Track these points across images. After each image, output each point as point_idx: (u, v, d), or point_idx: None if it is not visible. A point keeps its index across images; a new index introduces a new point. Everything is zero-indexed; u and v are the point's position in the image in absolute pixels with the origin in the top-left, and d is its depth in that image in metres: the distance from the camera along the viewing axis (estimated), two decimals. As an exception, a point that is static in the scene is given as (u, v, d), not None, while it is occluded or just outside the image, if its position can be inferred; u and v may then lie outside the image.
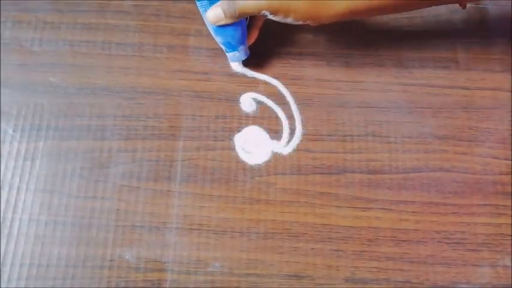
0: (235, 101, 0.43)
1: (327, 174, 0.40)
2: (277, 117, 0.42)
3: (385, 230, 0.39)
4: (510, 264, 0.38)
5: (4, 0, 0.45)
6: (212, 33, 0.40)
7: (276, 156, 0.41)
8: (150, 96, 0.42)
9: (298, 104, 0.43)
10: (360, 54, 0.45)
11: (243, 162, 0.41)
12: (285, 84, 0.43)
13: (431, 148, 0.42)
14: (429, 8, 0.44)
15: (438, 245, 0.38)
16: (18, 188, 0.39)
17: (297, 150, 0.41)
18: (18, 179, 0.39)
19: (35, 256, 0.37)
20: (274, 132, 0.42)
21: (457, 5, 0.39)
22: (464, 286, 0.37)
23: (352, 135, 0.42)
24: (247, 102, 0.43)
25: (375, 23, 0.46)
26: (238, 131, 0.42)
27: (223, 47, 0.41)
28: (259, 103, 0.43)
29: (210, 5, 0.38)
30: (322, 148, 0.41)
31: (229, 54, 0.41)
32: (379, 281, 0.37)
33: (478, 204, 0.40)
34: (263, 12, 0.36)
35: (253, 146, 0.41)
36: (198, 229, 0.38)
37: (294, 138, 0.42)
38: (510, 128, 0.42)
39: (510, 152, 0.41)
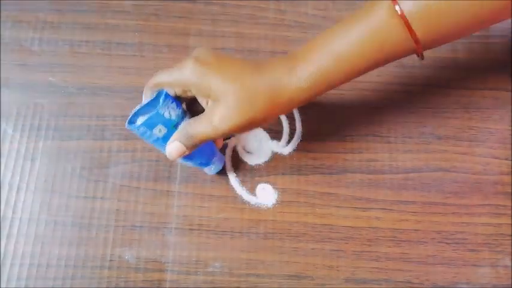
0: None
1: (327, 174, 0.40)
2: (277, 117, 0.42)
3: (385, 230, 0.39)
4: (510, 264, 0.38)
5: (4, 0, 0.45)
6: (180, 162, 0.38)
7: (276, 156, 0.41)
8: (150, 96, 0.42)
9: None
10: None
11: (243, 162, 0.41)
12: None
13: (431, 148, 0.42)
14: None
15: (438, 245, 0.38)
16: (18, 188, 0.39)
17: (297, 150, 0.41)
18: (18, 179, 0.39)
19: (35, 256, 0.37)
20: (274, 132, 0.42)
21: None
22: (465, 286, 0.37)
23: (352, 135, 0.42)
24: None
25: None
26: (238, 131, 0.42)
27: (198, 167, 0.39)
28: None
29: (164, 141, 0.33)
30: (322, 148, 0.41)
31: (205, 170, 0.39)
32: (379, 281, 0.37)
33: (478, 204, 0.40)
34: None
35: (253, 146, 0.41)
36: (198, 229, 0.38)
37: (294, 138, 0.42)
38: (510, 128, 0.42)
39: (510, 152, 0.41)
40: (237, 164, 0.41)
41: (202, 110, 0.33)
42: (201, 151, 0.35)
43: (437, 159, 0.41)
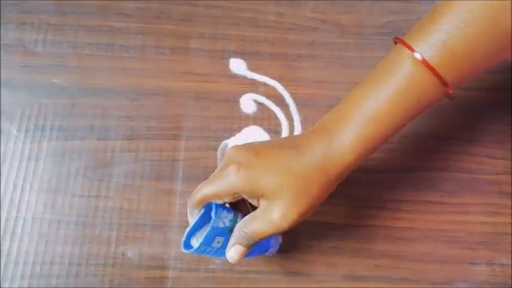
0: (236, 102, 0.43)
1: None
2: (276, 118, 0.43)
3: (382, 228, 0.39)
4: (506, 263, 0.38)
5: (7, 1, 0.46)
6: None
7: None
8: (152, 97, 0.43)
9: (297, 105, 0.43)
10: (359, 56, 0.45)
11: (244, 162, 0.41)
12: (285, 86, 0.44)
13: (428, 148, 0.42)
14: (425, 11, 0.45)
15: (434, 243, 0.39)
16: (23, 188, 0.39)
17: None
18: (22, 179, 0.40)
19: (39, 254, 0.38)
20: (274, 133, 0.42)
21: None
22: (461, 284, 0.38)
23: (350, 136, 0.42)
24: (248, 103, 0.43)
25: (371, 26, 0.47)
26: (239, 131, 0.42)
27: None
28: (259, 104, 0.43)
29: (223, 248, 0.32)
30: (321, 148, 0.42)
31: (266, 254, 0.37)
32: (377, 278, 0.38)
33: (475, 203, 0.40)
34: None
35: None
36: (200, 227, 0.39)
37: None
38: (507, 128, 0.43)
39: (506, 152, 0.42)
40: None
41: (246, 207, 0.32)
42: (259, 245, 0.33)
43: (434, 158, 0.41)
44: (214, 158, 0.41)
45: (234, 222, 0.32)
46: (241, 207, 0.33)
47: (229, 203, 0.32)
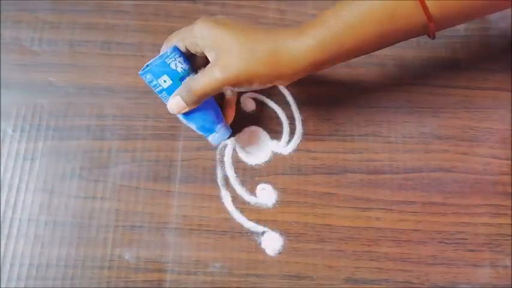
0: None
1: (327, 174, 0.40)
2: (277, 117, 0.42)
3: (385, 230, 0.39)
4: (510, 265, 0.38)
5: (4, 0, 0.45)
6: (183, 121, 0.37)
7: (276, 156, 0.41)
8: (149, 96, 0.42)
9: (298, 104, 0.43)
10: (360, 54, 0.45)
11: (243, 162, 0.41)
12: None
13: (431, 148, 0.41)
14: None
15: (438, 245, 0.38)
16: (18, 188, 0.39)
17: (297, 150, 0.41)
18: (17, 179, 0.39)
19: (35, 256, 0.37)
20: (274, 132, 0.42)
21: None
22: (465, 286, 0.37)
23: (352, 135, 0.42)
24: (247, 102, 0.43)
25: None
26: (238, 131, 0.41)
27: (199, 132, 0.38)
28: (259, 103, 0.43)
29: (168, 93, 0.35)
30: (322, 148, 0.41)
31: (208, 138, 0.38)
32: (380, 282, 0.37)
33: (479, 204, 0.40)
34: (224, 88, 0.34)
35: (253, 146, 0.41)
36: (198, 229, 0.38)
37: (294, 138, 0.42)
38: (511, 128, 0.42)
39: (511, 152, 0.41)
40: (237, 164, 0.41)
41: None
42: (204, 113, 0.35)
43: (437, 159, 0.41)
44: (213, 158, 0.41)
45: (188, 74, 0.35)
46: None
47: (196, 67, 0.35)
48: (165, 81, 0.35)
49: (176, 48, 0.35)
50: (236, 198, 0.39)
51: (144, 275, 0.37)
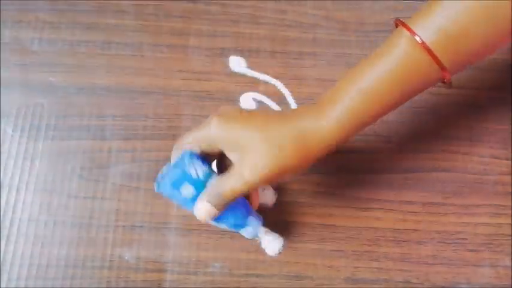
0: (235, 100, 0.43)
1: (327, 174, 0.40)
2: (277, 117, 0.42)
3: (385, 230, 0.39)
4: (510, 265, 0.38)
5: (4, 0, 0.45)
6: (213, 224, 0.34)
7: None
8: (149, 96, 0.42)
9: (298, 104, 0.43)
10: (360, 54, 0.45)
11: (243, 162, 0.41)
12: (285, 84, 0.43)
13: (431, 148, 0.41)
14: None
15: (438, 245, 0.38)
16: (18, 188, 0.39)
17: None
18: (17, 179, 0.39)
19: (35, 256, 0.37)
20: (274, 132, 0.42)
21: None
22: (465, 286, 0.37)
23: (352, 135, 0.42)
24: (247, 102, 0.43)
25: (373, 23, 0.46)
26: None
27: (233, 230, 0.35)
28: (259, 103, 0.43)
29: (192, 201, 0.31)
30: (322, 148, 0.41)
31: (243, 233, 0.35)
32: (380, 281, 0.37)
33: (479, 204, 0.40)
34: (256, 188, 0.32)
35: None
36: (198, 229, 0.38)
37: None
38: (510, 128, 0.42)
39: (510, 152, 0.41)
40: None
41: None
42: (233, 210, 0.32)
43: (437, 159, 0.41)
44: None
45: (209, 177, 0.32)
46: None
47: (217, 166, 0.34)
48: (188, 191, 0.31)
49: (192, 153, 0.31)
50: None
51: (144, 275, 0.37)
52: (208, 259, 0.38)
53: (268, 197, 0.39)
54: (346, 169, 0.41)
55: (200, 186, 0.31)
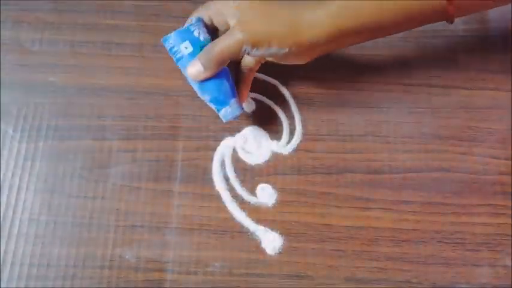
0: (235, 101, 0.43)
1: (327, 174, 0.40)
2: (277, 117, 0.42)
3: (385, 230, 0.39)
4: (510, 264, 0.38)
5: (4, 0, 0.45)
6: (198, 92, 0.38)
7: (276, 156, 0.41)
8: (150, 96, 0.42)
9: (298, 104, 0.43)
10: (360, 54, 0.45)
11: (243, 162, 0.41)
12: (285, 84, 0.43)
13: (431, 148, 0.41)
14: None
15: (438, 245, 0.38)
16: (18, 188, 0.39)
17: (297, 150, 0.41)
18: (18, 179, 0.39)
19: (35, 256, 0.37)
20: (274, 132, 0.42)
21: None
22: (464, 286, 0.37)
23: (352, 135, 0.42)
24: (247, 102, 0.43)
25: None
26: (238, 131, 0.42)
27: (212, 106, 0.38)
28: (259, 103, 0.43)
29: (189, 60, 0.36)
30: (322, 148, 0.41)
31: (220, 113, 0.38)
32: (379, 281, 0.37)
33: (478, 204, 0.40)
34: (244, 48, 0.34)
35: (253, 146, 0.41)
36: (198, 229, 0.38)
37: (294, 138, 0.42)
38: (510, 128, 0.42)
39: (510, 152, 0.41)
40: (237, 164, 0.41)
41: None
42: (219, 84, 0.36)
43: (436, 159, 0.41)
44: (213, 158, 0.41)
45: (207, 43, 0.36)
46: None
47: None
48: (186, 48, 0.36)
49: (201, 19, 0.37)
50: (236, 198, 0.39)
51: (145, 274, 0.37)
52: (208, 259, 0.38)
53: (250, 105, 0.42)
54: (346, 169, 0.41)
55: (197, 47, 0.36)
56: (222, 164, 0.40)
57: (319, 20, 0.33)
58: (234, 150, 0.41)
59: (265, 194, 0.39)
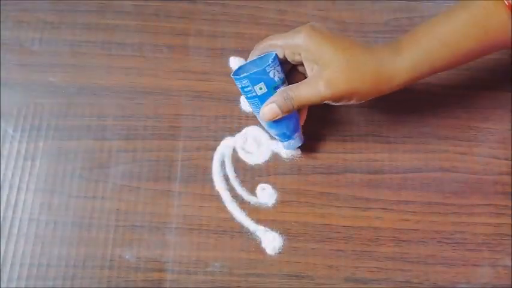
0: (235, 101, 0.43)
1: (327, 174, 0.40)
2: (277, 117, 0.42)
3: (385, 230, 0.39)
4: (510, 264, 0.38)
5: (4, 0, 0.45)
6: (264, 126, 0.39)
7: (276, 156, 0.41)
8: (150, 96, 0.42)
9: (298, 104, 0.43)
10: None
11: (243, 162, 0.41)
12: (285, 84, 0.43)
13: (431, 148, 0.42)
14: (427, 9, 0.46)
15: (438, 245, 0.39)
16: (19, 188, 0.39)
17: (297, 150, 0.41)
18: (18, 179, 0.39)
19: (35, 256, 0.37)
20: (274, 132, 0.42)
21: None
22: (464, 286, 0.37)
23: (352, 135, 0.42)
24: (247, 102, 0.43)
25: (373, 23, 0.46)
26: (238, 131, 0.42)
27: (277, 138, 0.39)
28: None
29: (261, 100, 0.36)
30: (322, 148, 0.41)
31: (284, 144, 0.39)
32: (379, 281, 0.37)
33: (478, 204, 0.40)
34: (325, 101, 0.34)
35: (253, 146, 0.41)
36: (198, 229, 0.38)
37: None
38: (510, 128, 0.42)
39: (510, 152, 0.41)
40: (237, 164, 0.41)
41: (299, 80, 0.35)
42: (288, 120, 0.36)
43: (437, 159, 0.41)
44: (213, 158, 0.41)
45: (282, 84, 0.35)
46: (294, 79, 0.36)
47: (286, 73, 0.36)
48: (260, 89, 0.35)
49: (277, 57, 0.35)
50: (236, 198, 0.39)
51: (145, 274, 0.37)
52: (208, 259, 0.38)
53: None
54: (346, 169, 0.41)
55: (272, 88, 0.35)
56: (222, 164, 0.40)
57: (397, 73, 0.33)
58: (234, 150, 0.41)
59: (265, 194, 0.39)
